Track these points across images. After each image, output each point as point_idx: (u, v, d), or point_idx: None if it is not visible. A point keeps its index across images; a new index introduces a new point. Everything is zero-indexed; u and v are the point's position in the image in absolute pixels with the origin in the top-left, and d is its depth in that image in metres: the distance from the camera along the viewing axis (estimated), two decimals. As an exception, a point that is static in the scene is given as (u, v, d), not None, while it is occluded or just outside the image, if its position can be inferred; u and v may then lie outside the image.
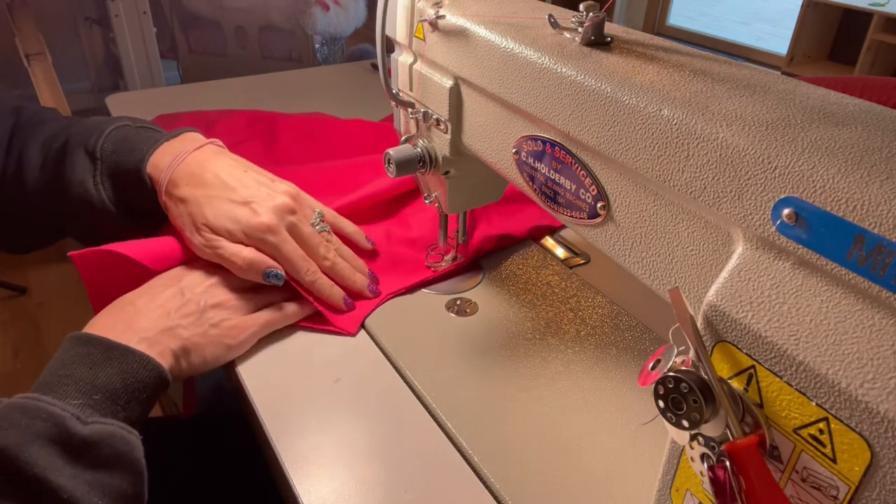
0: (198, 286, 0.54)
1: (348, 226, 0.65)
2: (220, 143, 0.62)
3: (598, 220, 0.40)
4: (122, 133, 0.59)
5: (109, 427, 0.42)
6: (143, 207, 0.59)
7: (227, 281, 0.56)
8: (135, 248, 0.55)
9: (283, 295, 0.58)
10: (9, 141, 0.62)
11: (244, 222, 0.55)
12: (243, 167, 0.59)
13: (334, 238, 0.62)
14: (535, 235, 0.73)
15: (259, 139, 0.90)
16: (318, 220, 0.60)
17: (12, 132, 0.62)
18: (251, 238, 0.55)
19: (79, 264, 0.54)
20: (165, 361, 0.49)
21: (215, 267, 0.56)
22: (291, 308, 0.58)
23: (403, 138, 0.60)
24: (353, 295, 0.60)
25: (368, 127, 0.97)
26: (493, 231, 0.70)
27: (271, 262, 0.55)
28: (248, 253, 0.54)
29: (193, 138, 0.60)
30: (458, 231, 0.64)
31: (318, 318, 0.59)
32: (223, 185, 0.56)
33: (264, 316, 0.56)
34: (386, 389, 0.53)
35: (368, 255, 0.66)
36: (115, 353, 0.46)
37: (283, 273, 0.56)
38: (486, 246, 0.68)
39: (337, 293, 0.59)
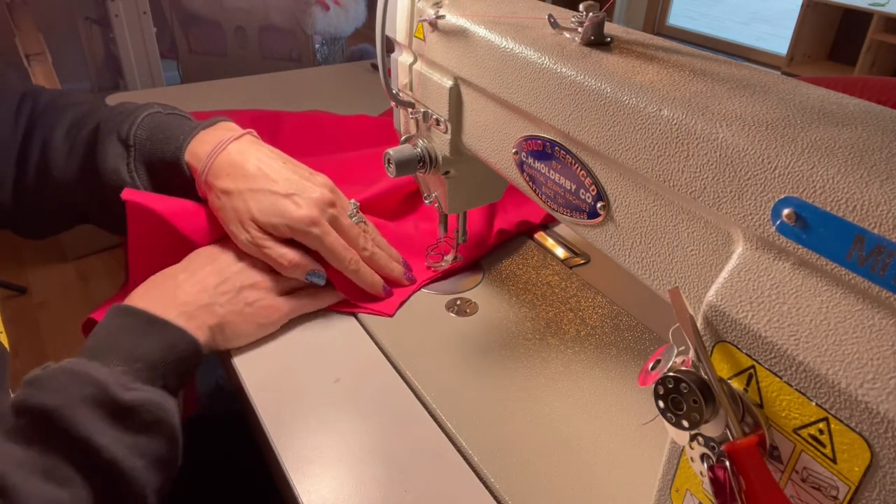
0: (234, 265, 0.56)
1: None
2: (255, 133, 0.62)
3: (598, 220, 0.40)
4: (156, 120, 0.60)
5: (149, 394, 0.45)
6: (178, 193, 0.60)
7: (262, 262, 0.57)
8: (184, 220, 0.57)
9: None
10: (27, 129, 0.62)
11: (288, 216, 0.55)
12: (282, 159, 0.59)
13: (371, 227, 0.64)
14: (530, 230, 0.73)
15: (262, 137, 0.90)
16: (354, 210, 0.61)
17: (30, 120, 0.63)
18: (295, 231, 0.55)
19: (130, 211, 0.56)
20: (202, 336, 0.51)
21: None
22: (323, 293, 0.60)
23: (403, 138, 0.60)
24: (390, 282, 0.62)
25: (371, 121, 0.97)
26: (507, 224, 0.71)
27: (314, 265, 0.57)
28: (292, 255, 0.56)
29: (230, 127, 0.61)
30: (458, 231, 0.64)
31: (355, 303, 0.61)
32: (265, 177, 0.56)
33: (296, 299, 0.58)
34: (386, 389, 0.53)
35: (403, 244, 0.68)
36: (156, 326, 0.49)
37: (324, 274, 0.58)
38: (502, 237, 0.70)
39: (378, 281, 0.61)
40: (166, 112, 0.62)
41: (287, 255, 0.56)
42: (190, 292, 0.52)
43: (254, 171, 0.56)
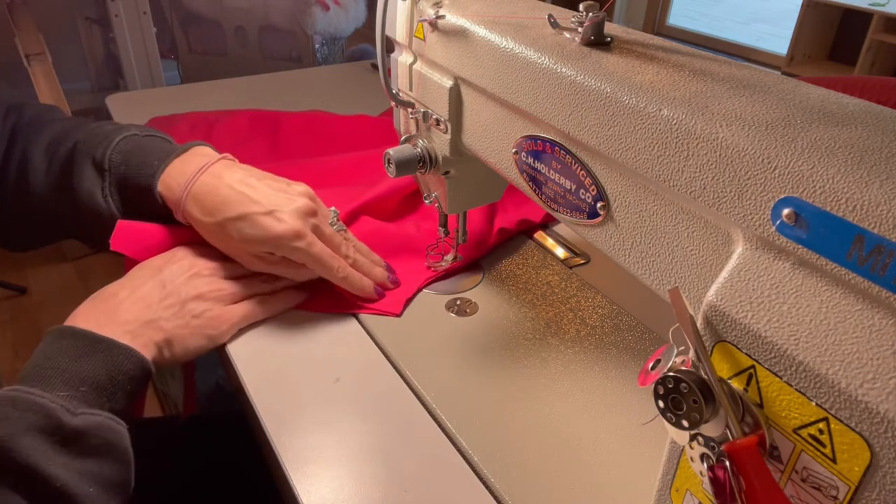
0: (178, 277, 0.55)
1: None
2: (231, 157, 0.61)
3: (598, 220, 0.40)
4: (131, 144, 0.59)
5: (97, 418, 0.44)
6: (153, 218, 0.59)
7: (208, 271, 0.57)
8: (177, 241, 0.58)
9: (267, 286, 0.59)
10: (9, 141, 0.62)
11: (272, 233, 0.54)
12: (256, 176, 0.58)
13: (350, 235, 0.63)
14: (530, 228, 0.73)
15: (262, 138, 0.90)
16: (335, 219, 0.61)
17: (13, 132, 0.62)
18: (281, 248, 0.55)
19: (122, 250, 0.58)
20: (149, 353, 0.50)
21: (195, 256, 0.57)
22: (274, 300, 0.59)
23: (403, 138, 0.60)
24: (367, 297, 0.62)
25: (370, 121, 0.97)
26: (508, 223, 0.71)
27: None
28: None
29: (204, 153, 0.60)
30: (458, 231, 0.64)
31: (361, 305, 0.61)
32: (241, 201, 0.55)
33: (246, 307, 0.57)
34: (386, 389, 0.53)
35: (405, 244, 0.68)
36: (101, 346, 0.47)
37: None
38: (503, 236, 0.70)
39: (368, 284, 0.60)
40: (143, 134, 0.61)
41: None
42: (132, 309, 0.51)
43: (229, 197, 0.55)
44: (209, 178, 0.57)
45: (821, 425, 0.27)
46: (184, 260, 0.56)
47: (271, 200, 0.55)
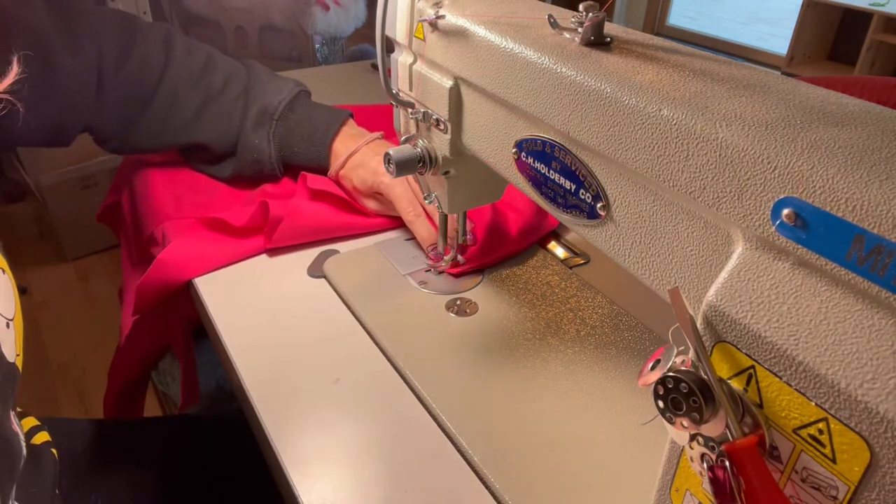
0: None
1: None
2: (383, 135, 0.78)
3: (598, 220, 0.40)
4: (301, 103, 0.78)
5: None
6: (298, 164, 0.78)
7: None
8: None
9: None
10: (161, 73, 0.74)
11: (372, 178, 0.71)
12: (376, 150, 0.74)
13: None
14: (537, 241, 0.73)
15: None
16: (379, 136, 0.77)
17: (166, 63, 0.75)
18: (371, 187, 0.71)
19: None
20: None
21: None
22: None
23: (403, 138, 0.60)
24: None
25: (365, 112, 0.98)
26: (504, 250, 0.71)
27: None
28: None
29: (361, 132, 0.78)
30: (458, 231, 0.64)
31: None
32: (365, 162, 0.73)
33: None
34: (386, 389, 0.53)
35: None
36: None
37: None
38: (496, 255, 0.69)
39: (430, 236, 0.68)
40: (301, 88, 0.79)
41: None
42: None
43: (360, 160, 0.73)
44: (365, 152, 0.74)
45: (820, 425, 0.27)
46: None
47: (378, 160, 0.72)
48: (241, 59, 0.80)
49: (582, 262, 0.70)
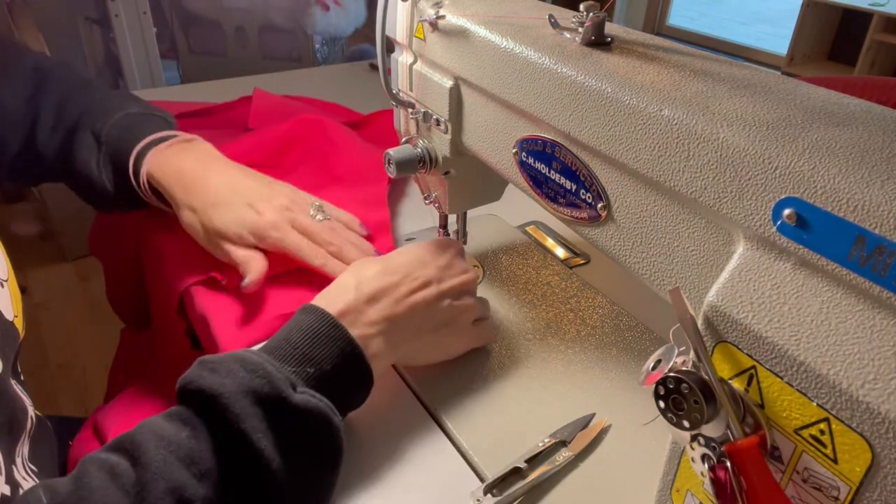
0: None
1: (343, 215, 0.67)
2: (212, 144, 0.66)
3: (599, 220, 0.40)
4: (128, 120, 0.65)
5: (318, 402, 0.40)
6: (133, 193, 0.64)
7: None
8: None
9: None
10: (33, 96, 0.67)
11: (250, 223, 0.58)
12: (243, 173, 0.63)
13: (338, 225, 0.64)
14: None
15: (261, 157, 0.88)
16: (316, 211, 0.63)
17: (31, 85, 0.67)
18: (258, 236, 0.58)
19: None
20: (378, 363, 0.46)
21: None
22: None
23: (404, 139, 0.60)
24: None
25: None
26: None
27: (257, 275, 0.57)
28: (254, 262, 0.58)
29: (200, 145, 0.64)
30: (458, 231, 0.64)
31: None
32: (227, 192, 0.59)
33: (484, 327, 0.56)
34: (385, 390, 0.53)
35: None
36: (338, 334, 0.44)
37: (250, 285, 0.57)
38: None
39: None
40: (143, 112, 0.66)
41: (249, 261, 0.57)
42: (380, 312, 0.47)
43: (215, 188, 0.59)
44: (197, 166, 0.61)
45: (822, 426, 0.27)
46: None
47: (253, 194, 0.60)
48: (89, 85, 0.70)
49: (582, 262, 0.70)
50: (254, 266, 0.57)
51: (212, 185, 0.59)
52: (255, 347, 0.45)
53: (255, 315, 0.57)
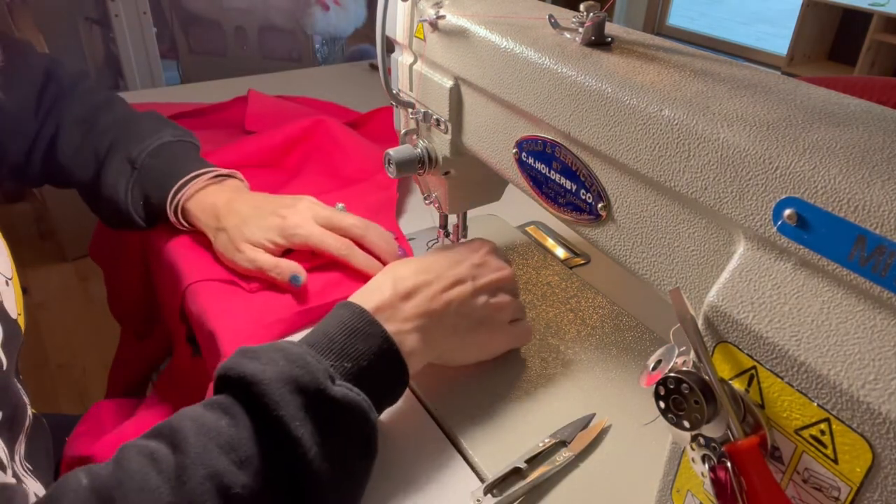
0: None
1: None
2: (241, 176, 0.69)
3: (599, 220, 0.40)
4: (165, 150, 0.67)
5: (356, 396, 0.41)
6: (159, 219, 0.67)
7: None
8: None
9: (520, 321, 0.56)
10: (42, 102, 0.68)
11: (277, 226, 0.61)
12: (266, 197, 0.66)
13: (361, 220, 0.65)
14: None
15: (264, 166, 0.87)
16: (340, 208, 0.65)
17: (47, 93, 0.69)
18: (285, 235, 0.61)
19: None
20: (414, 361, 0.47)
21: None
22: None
23: (404, 132, 0.60)
24: (385, 263, 0.63)
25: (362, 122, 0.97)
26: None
27: (295, 268, 0.59)
28: (284, 263, 0.59)
29: (229, 184, 0.67)
30: (458, 230, 0.64)
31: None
32: (254, 211, 0.63)
33: (521, 326, 0.56)
34: (386, 390, 0.53)
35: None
36: (374, 331, 0.44)
37: (301, 276, 0.59)
38: None
39: (374, 264, 0.61)
40: (176, 139, 0.68)
41: (279, 264, 0.59)
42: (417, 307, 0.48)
43: (243, 210, 0.63)
44: (225, 200, 0.64)
45: (822, 426, 0.27)
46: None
47: (277, 204, 0.63)
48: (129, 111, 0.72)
49: (582, 262, 0.70)
50: (285, 265, 0.59)
51: (240, 209, 0.63)
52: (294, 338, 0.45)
53: (258, 320, 0.57)
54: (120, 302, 0.87)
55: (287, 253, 0.62)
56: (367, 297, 0.47)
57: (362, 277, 0.61)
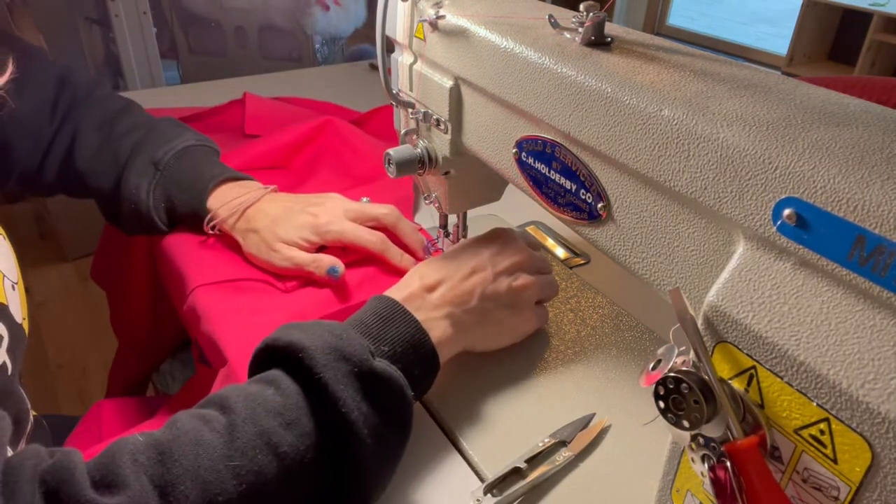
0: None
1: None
2: (276, 187, 0.69)
3: (599, 220, 0.40)
4: (188, 153, 0.68)
5: (394, 371, 0.43)
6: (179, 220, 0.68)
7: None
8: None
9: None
10: (57, 109, 0.68)
11: (309, 224, 0.62)
12: (292, 196, 0.67)
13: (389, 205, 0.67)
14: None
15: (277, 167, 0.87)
16: (366, 202, 0.67)
17: (62, 100, 0.69)
18: (318, 233, 0.62)
19: None
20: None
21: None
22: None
23: (403, 132, 0.60)
24: (413, 255, 0.65)
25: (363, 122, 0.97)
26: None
27: (333, 260, 0.60)
28: (322, 256, 0.61)
29: (253, 186, 0.68)
30: (458, 230, 0.64)
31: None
32: (284, 211, 0.64)
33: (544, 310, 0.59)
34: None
35: None
36: (406, 318, 0.47)
37: (339, 268, 0.60)
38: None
39: (408, 260, 0.63)
40: (199, 144, 0.69)
41: (320, 259, 0.60)
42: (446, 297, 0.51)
43: (275, 212, 0.64)
44: (258, 205, 0.65)
45: (822, 426, 0.27)
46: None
47: (308, 203, 0.65)
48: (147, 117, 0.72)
49: (582, 262, 0.70)
50: (323, 258, 0.60)
51: (269, 209, 0.64)
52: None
53: (263, 325, 0.57)
54: (124, 323, 0.87)
55: (319, 251, 0.63)
56: (397, 291, 0.50)
57: (396, 272, 0.62)
